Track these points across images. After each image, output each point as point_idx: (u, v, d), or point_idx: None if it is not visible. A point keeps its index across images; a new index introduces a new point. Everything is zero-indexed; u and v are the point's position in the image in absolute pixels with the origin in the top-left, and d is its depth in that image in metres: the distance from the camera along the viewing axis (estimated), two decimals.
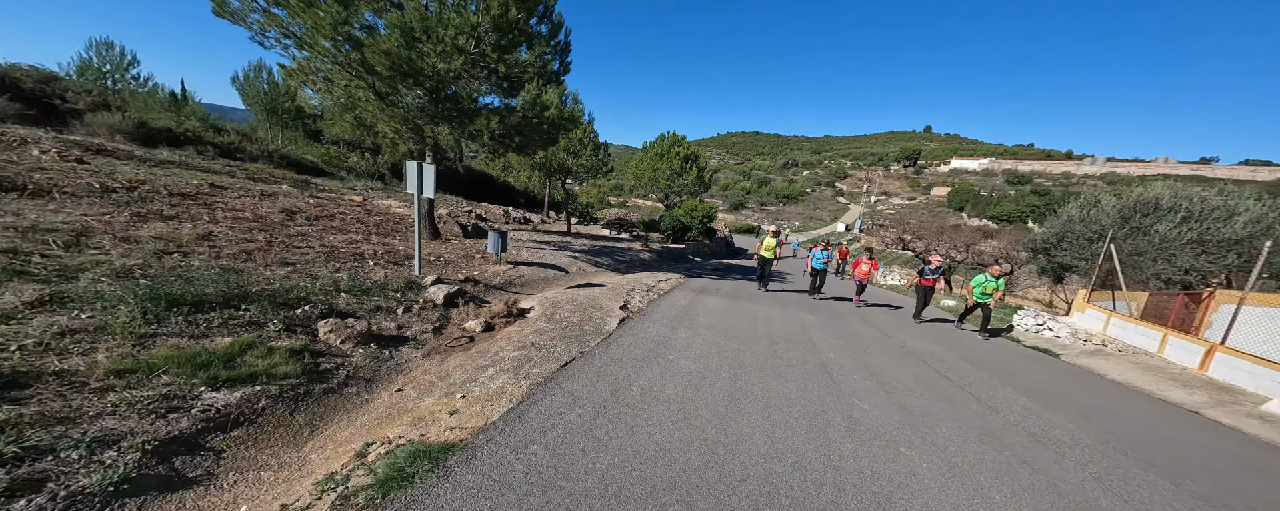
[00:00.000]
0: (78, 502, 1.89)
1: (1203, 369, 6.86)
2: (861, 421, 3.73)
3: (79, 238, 4.41)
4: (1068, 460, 3.54)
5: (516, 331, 5.06)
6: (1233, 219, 10.49)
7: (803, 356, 5.39)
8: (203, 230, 5.59)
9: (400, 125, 8.20)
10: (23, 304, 3.03)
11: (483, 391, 3.45)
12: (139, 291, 3.43)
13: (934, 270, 9.04)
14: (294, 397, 3.03)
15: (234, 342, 3.27)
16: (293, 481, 2.35)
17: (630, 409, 3.36)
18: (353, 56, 7.02)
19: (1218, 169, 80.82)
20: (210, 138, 12.80)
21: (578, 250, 12.32)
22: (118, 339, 2.98)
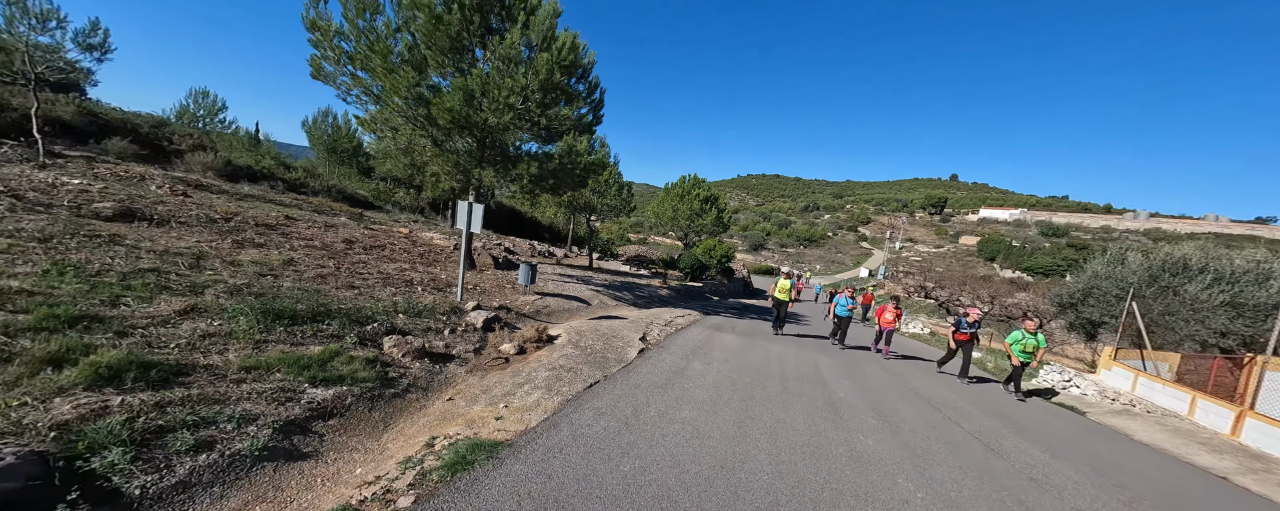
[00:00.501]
0: (237, 461, 2.54)
1: (1234, 435, 6.72)
2: (863, 454, 4.06)
3: (198, 260, 5.39)
4: (1066, 504, 3.74)
5: (546, 355, 5.65)
6: (1268, 282, 10.36)
7: (813, 393, 5.72)
8: (286, 256, 6.57)
9: (452, 168, 9.38)
10: (174, 312, 3.86)
11: (521, 403, 4.01)
12: (253, 306, 4.25)
13: (971, 324, 8.29)
14: (371, 398, 3.67)
15: (324, 350, 3.99)
16: (378, 462, 2.94)
17: (649, 426, 3.84)
18: (419, 112, 8.31)
19: (1275, 229, 76.25)
20: (281, 173, 14.53)
21: (599, 284, 13.00)
22: (241, 342, 3.75)
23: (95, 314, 3.45)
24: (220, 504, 2.30)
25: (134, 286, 4.10)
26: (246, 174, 13.18)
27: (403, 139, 9.16)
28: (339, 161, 20.37)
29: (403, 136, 9.05)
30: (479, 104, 8.25)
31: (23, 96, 10.43)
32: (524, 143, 10.24)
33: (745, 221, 78.77)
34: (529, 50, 8.42)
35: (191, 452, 2.45)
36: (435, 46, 8.22)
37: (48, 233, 4.78)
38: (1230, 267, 10.68)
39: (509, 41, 7.85)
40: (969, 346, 8.41)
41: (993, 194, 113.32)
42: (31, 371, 2.63)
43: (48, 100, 10.62)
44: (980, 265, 59.09)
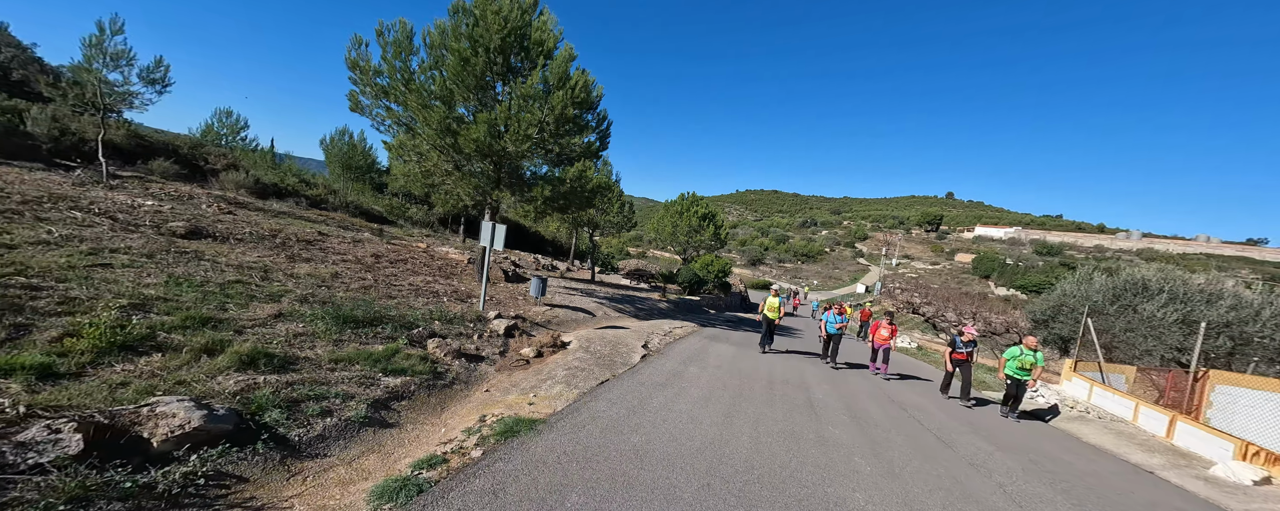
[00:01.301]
0: (349, 424, 3.45)
1: (1169, 437, 7.62)
2: (830, 439, 4.96)
3: (266, 273, 6.34)
4: (992, 481, 4.63)
5: (561, 358, 6.56)
6: (1218, 301, 11.38)
7: (795, 395, 6.63)
8: (332, 270, 7.52)
9: (472, 189, 10.43)
10: (268, 316, 4.80)
11: (547, 394, 4.92)
12: (326, 312, 5.19)
13: (967, 343, 8.15)
14: (428, 386, 4.59)
15: (386, 348, 4.91)
16: (444, 430, 3.84)
17: (652, 413, 4.75)
18: (447, 141, 9.39)
19: (1266, 251, 77.63)
20: (303, 190, 15.57)
21: (602, 297, 13.93)
22: (324, 340, 4.67)
23: (215, 316, 4.38)
24: (346, 452, 3.21)
25: (232, 295, 5.04)
26: (273, 191, 14.20)
27: (429, 163, 10.22)
28: (353, 177, 21.49)
29: (429, 162, 10.11)
30: (501, 135, 9.34)
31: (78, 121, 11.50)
32: (537, 166, 11.33)
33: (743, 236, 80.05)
34: (546, 87, 9.56)
35: (320, 417, 3.36)
36: (462, 84, 9.36)
37: (149, 249, 5.73)
38: (1184, 288, 11.71)
39: (530, 82, 8.99)
40: (967, 366, 8.15)
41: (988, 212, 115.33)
42: (195, 358, 3.55)
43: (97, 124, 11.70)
44: (975, 282, 60.20)
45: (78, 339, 3.24)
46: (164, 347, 3.57)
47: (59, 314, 3.58)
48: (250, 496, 2.53)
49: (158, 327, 3.79)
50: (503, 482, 2.93)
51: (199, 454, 2.54)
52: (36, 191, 6.73)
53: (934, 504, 3.74)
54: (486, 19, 9.12)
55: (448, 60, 9.19)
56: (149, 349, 3.49)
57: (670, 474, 3.45)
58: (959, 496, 4.03)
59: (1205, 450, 6.96)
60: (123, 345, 3.39)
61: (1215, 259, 73.60)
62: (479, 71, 9.29)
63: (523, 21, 9.54)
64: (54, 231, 5.20)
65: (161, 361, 3.38)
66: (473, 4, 9.27)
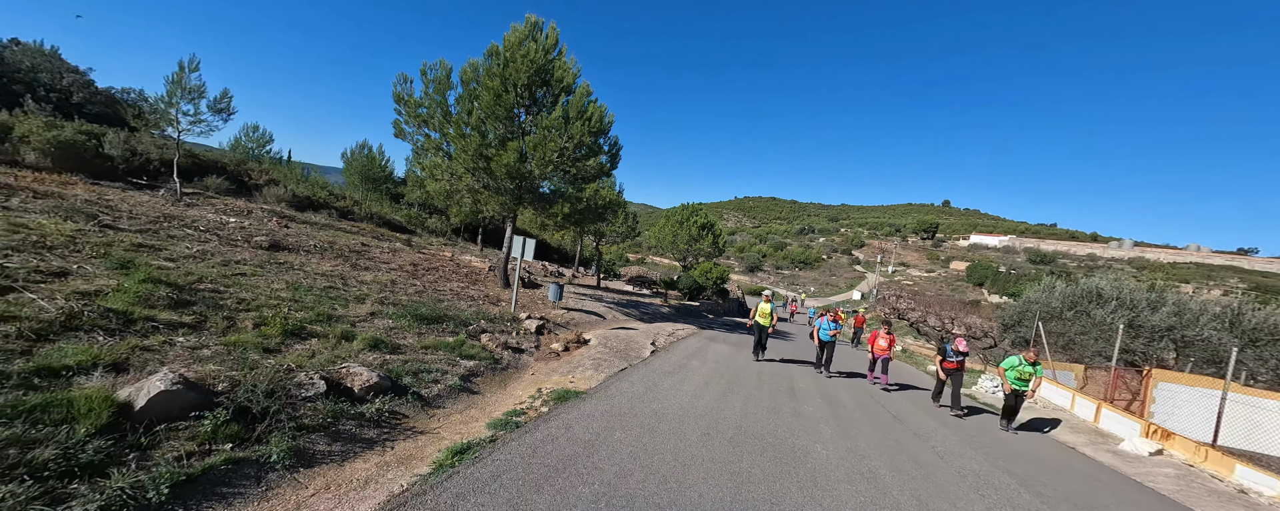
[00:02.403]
0: (452, 389, 4.90)
1: (1095, 421, 9.10)
2: (804, 413, 6.42)
3: (343, 279, 7.78)
4: (928, 448, 6.07)
5: (585, 352, 8.00)
6: (1160, 309, 12.95)
7: (780, 384, 8.09)
8: (389, 277, 8.97)
9: (499, 207, 11.92)
10: (366, 314, 6.24)
11: (581, 376, 6.37)
12: (405, 311, 6.63)
13: (958, 354, 8.35)
14: (491, 368, 6.03)
15: (456, 340, 6.36)
16: (512, 398, 5.28)
17: (664, 392, 6.20)
18: (480, 165, 10.88)
19: (1255, 260, 79.44)
20: (332, 202, 17.02)
21: (610, 302, 15.37)
22: (410, 333, 6.12)
23: (332, 314, 5.83)
24: (456, 405, 4.66)
25: (334, 297, 6.48)
26: (308, 203, 15.65)
27: (462, 183, 11.71)
28: (371, 188, 22.96)
29: (463, 182, 11.60)
30: (527, 159, 10.86)
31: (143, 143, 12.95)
32: (554, 185, 12.84)
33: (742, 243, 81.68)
34: (566, 118, 11.08)
35: (433, 383, 4.81)
36: (494, 115, 10.88)
37: (258, 261, 7.17)
38: (1131, 296, 13.27)
39: (553, 115, 10.53)
40: (958, 375, 8.31)
41: (984, 220, 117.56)
42: (338, 342, 4.99)
43: (160, 145, 13.16)
44: (969, 290, 61.89)
45: (266, 327, 4.68)
46: (315, 334, 5.01)
47: (241, 310, 5.01)
48: (412, 425, 3.98)
49: (305, 321, 5.23)
50: (569, 424, 4.39)
51: (380, 398, 3.98)
52: (153, 211, 8.17)
53: (877, 456, 5.18)
54: (516, 60, 10.67)
55: (482, 95, 10.71)
56: (308, 335, 4.93)
57: (680, 426, 4.90)
58: (896, 451, 5.49)
59: (1120, 431, 8.44)
60: (292, 332, 4.83)
61: (1205, 268, 75.63)
62: (509, 105, 10.82)
63: (546, 61, 11.09)
64: (192, 247, 6.63)
65: (319, 343, 4.82)
66: (505, 48, 10.83)
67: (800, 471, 4.23)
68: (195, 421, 2.91)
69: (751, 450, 4.57)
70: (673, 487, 3.43)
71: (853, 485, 4.12)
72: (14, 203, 6.35)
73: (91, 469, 2.34)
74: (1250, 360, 12.76)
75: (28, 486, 2.09)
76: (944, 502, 4.12)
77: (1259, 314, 12.64)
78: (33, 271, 4.13)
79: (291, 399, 3.47)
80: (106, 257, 5.12)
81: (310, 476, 2.99)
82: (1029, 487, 5.02)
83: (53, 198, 7.07)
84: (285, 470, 2.94)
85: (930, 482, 4.57)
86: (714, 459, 4.15)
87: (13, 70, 13.99)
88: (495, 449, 3.61)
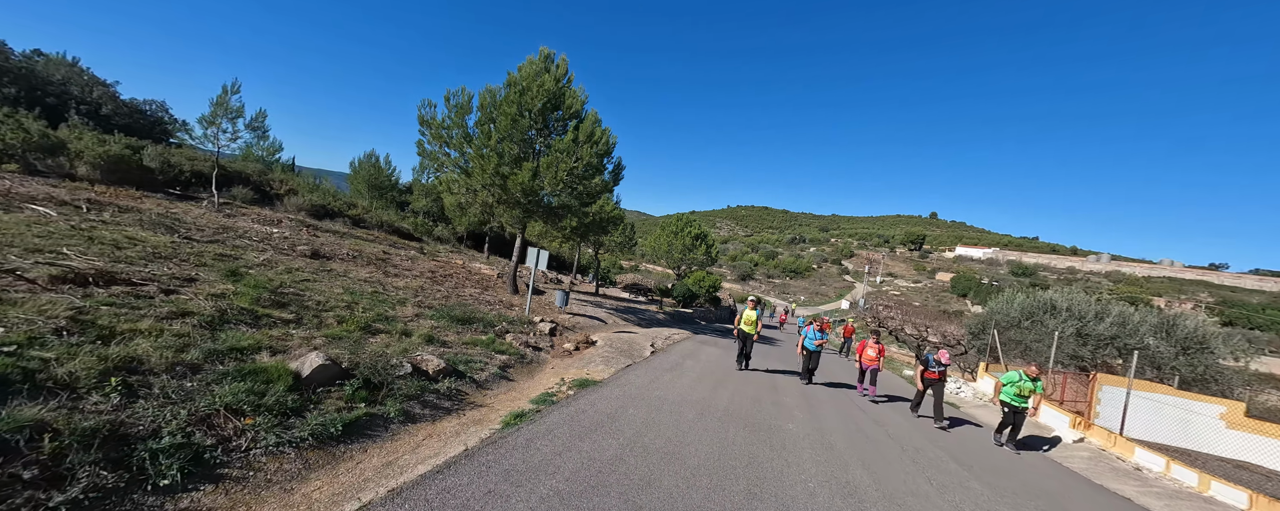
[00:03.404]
0: (493, 377, 6.11)
1: (1035, 415, 10.51)
2: (782, 402, 7.70)
3: (382, 285, 8.93)
4: (883, 429, 7.39)
5: (594, 351, 9.22)
6: (1104, 319, 14.56)
7: (763, 380, 9.37)
8: (417, 283, 10.12)
9: (512, 219, 13.14)
10: (412, 315, 7.42)
11: (595, 370, 7.59)
12: (443, 312, 7.81)
13: (940, 364, 8.41)
14: (519, 362, 7.24)
15: (488, 338, 7.55)
16: (541, 385, 6.49)
17: (665, 384, 7.46)
18: (497, 182, 12.12)
19: (1224, 275, 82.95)
20: (345, 211, 18.07)
21: (609, 308, 16.59)
22: (450, 331, 7.30)
23: (386, 314, 6.99)
24: (499, 388, 5.86)
25: (382, 300, 7.64)
26: (324, 212, 16.69)
27: (479, 198, 12.93)
28: (378, 196, 23.99)
29: (480, 197, 12.82)
30: (539, 176, 12.13)
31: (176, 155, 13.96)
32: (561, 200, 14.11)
33: (734, 252, 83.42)
34: (576, 142, 12.40)
35: (479, 371, 6.01)
36: (510, 137, 12.16)
37: (311, 269, 8.29)
38: (1080, 308, 14.88)
39: (565, 140, 11.84)
40: (940, 386, 8.30)
41: (969, 232, 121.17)
42: (400, 337, 6.17)
43: (191, 157, 14.17)
44: (954, 301, 64.17)
45: (346, 324, 5.85)
46: (381, 331, 6.18)
47: (322, 310, 6.17)
48: (472, 400, 5.18)
49: (370, 320, 6.41)
50: (593, 402, 5.62)
51: (447, 379, 5.19)
52: (210, 223, 9.25)
53: (838, 434, 6.47)
54: (532, 89, 11.99)
55: (499, 119, 12.00)
56: (376, 331, 6.10)
57: (679, 408, 6.16)
58: (855, 431, 6.81)
59: (1054, 423, 9.87)
60: (364, 328, 6.00)
61: (1177, 282, 79.23)
62: (524, 128, 12.12)
63: (558, 89, 12.43)
64: (259, 256, 7.76)
65: (387, 339, 5.99)
66: (521, 78, 12.15)
67: (773, 441, 5.50)
68: (339, 387, 4.10)
69: (736, 426, 5.84)
70: (676, 445, 4.68)
71: (813, 451, 5.41)
72: (107, 216, 7.43)
73: (293, 411, 3.53)
74: (1182, 366, 14.40)
75: (267, 417, 3.29)
76: (882, 463, 5.43)
77: (1188, 325, 14.31)
78: (172, 278, 5.27)
79: (391, 376, 4.67)
80: (205, 266, 6.26)
81: (416, 429, 4.19)
82: (957, 460, 6.35)
83: (132, 211, 8.14)
84: (399, 424, 4.14)
85: (875, 451, 5.89)
86: (706, 430, 5.41)
87: (46, 83, 14.86)
88: (542, 416, 4.83)
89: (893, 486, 4.74)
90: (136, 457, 2.56)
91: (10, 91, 13.48)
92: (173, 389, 3.17)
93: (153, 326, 3.85)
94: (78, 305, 3.80)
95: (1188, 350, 14.39)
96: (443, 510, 2.81)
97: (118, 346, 3.38)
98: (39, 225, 5.85)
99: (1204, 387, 14.62)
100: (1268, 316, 60.16)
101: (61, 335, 3.31)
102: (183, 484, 2.61)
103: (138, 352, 3.38)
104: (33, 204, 6.81)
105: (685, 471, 4.06)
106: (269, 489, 2.86)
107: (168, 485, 2.55)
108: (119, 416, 2.73)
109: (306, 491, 2.92)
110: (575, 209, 13.72)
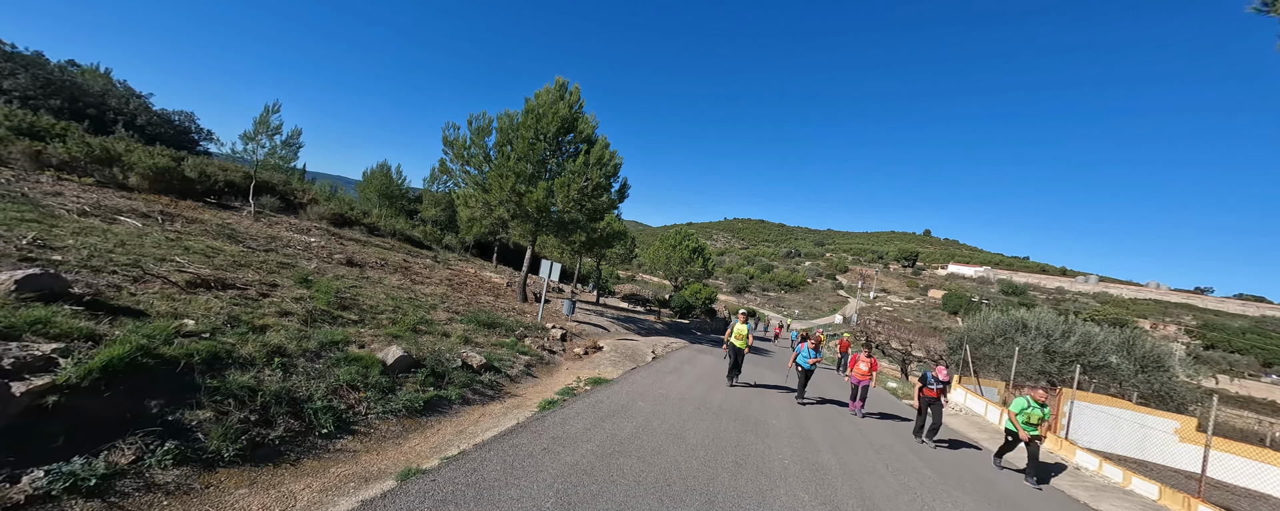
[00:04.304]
0: (521, 373, 7.21)
1: (1000, 423, 11.70)
2: (770, 404, 8.82)
3: (412, 290, 10.01)
4: (856, 427, 8.53)
5: (602, 355, 10.32)
6: (1069, 336, 15.87)
7: (753, 391, 10.49)
8: (441, 290, 11.20)
9: (524, 233, 14.30)
10: (447, 318, 8.51)
11: (605, 371, 8.69)
12: (471, 317, 8.91)
13: (939, 382, 8.19)
14: (540, 362, 8.34)
15: (512, 341, 8.64)
16: (561, 382, 7.58)
17: (666, 384, 8.57)
18: (514, 199, 13.31)
19: (1208, 299, 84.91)
20: (361, 220, 19.15)
21: (611, 317, 17.68)
22: (480, 334, 8.40)
23: (425, 318, 8.08)
24: (528, 382, 6.96)
25: (417, 305, 8.73)
26: (342, 220, 17.77)
27: (494, 213, 14.10)
28: (388, 204, 25.09)
29: (496, 212, 13.99)
30: (552, 195, 13.34)
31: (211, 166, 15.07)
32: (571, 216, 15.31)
33: (730, 264, 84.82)
34: (586, 164, 13.65)
35: (510, 368, 7.11)
36: (526, 158, 13.39)
37: (353, 276, 9.37)
38: (1048, 327, 16.18)
39: (577, 162, 13.09)
40: (938, 405, 8.11)
41: (962, 250, 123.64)
42: (442, 337, 7.26)
43: (223, 168, 15.28)
44: (944, 317, 65.68)
45: (397, 325, 6.94)
46: (424, 331, 7.28)
47: (375, 312, 7.25)
48: (509, 391, 6.28)
49: (415, 322, 7.50)
50: (607, 396, 6.73)
51: (487, 373, 6.29)
52: (258, 232, 10.33)
53: (816, 429, 7.60)
54: (548, 115, 13.27)
55: (517, 143, 13.25)
56: (421, 332, 7.20)
57: (680, 403, 7.28)
58: (830, 427, 7.95)
59: None
60: (412, 328, 7.10)
61: (1162, 304, 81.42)
62: (540, 151, 13.38)
63: (572, 116, 13.73)
64: (310, 264, 8.84)
65: (432, 338, 7.08)
66: (537, 105, 13.44)
67: (758, 431, 6.63)
68: (412, 374, 5.20)
69: (728, 419, 6.97)
70: (678, 429, 5.80)
71: (791, 439, 6.54)
72: (179, 226, 8.51)
73: (387, 389, 4.64)
74: (1140, 384, 15.69)
75: (372, 392, 4.40)
76: (849, 451, 6.57)
77: (1145, 344, 15.64)
78: (261, 283, 6.36)
79: (449, 367, 5.77)
80: (275, 273, 7.35)
81: (471, 409, 5.29)
82: (915, 453, 7.49)
83: (197, 222, 9.22)
84: (459, 404, 5.24)
85: (845, 443, 7.03)
86: (703, 420, 6.53)
87: (86, 94, 15.92)
88: (569, 404, 5.94)
89: (853, 466, 5.87)
90: (306, 413, 3.66)
91: (56, 103, 14.57)
92: (309, 369, 4.27)
93: (274, 323, 4.95)
94: (223, 305, 4.89)
95: (1146, 368, 15.69)
96: (514, 459, 3.92)
97: (269, 335, 4.48)
98: (137, 236, 6.92)
99: (1161, 403, 15.90)
100: (1247, 340, 62.17)
101: (230, 327, 4.41)
102: (335, 434, 3.70)
103: (276, 341, 4.47)
104: (121, 216, 7.88)
105: (686, 446, 5.18)
106: (386, 442, 3.96)
107: (326, 433, 3.65)
108: (286, 385, 3.82)
109: (411, 445, 4.02)
110: (583, 224, 14.92)
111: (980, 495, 5.95)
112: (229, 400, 3.34)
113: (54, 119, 12.26)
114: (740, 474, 4.70)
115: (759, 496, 4.18)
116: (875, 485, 5.31)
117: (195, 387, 3.23)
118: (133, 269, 5.17)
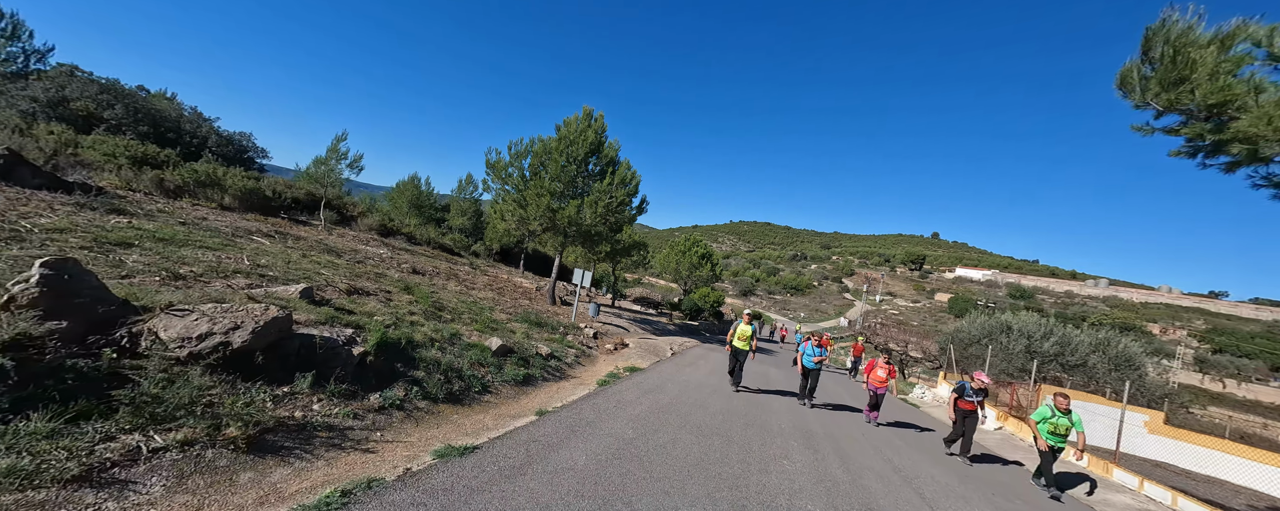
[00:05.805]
0: (572, 363, 9.20)
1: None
2: (769, 401, 10.72)
3: (468, 294, 12.04)
4: (850, 421, 10.39)
5: (629, 351, 12.27)
6: (1047, 338, 17.60)
7: (761, 378, 12.41)
8: (490, 294, 13.23)
9: (555, 244, 16.32)
10: (507, 318, 10.51)
11: (637, 362, 10.65)
12: (526, 317, 10.91)
13: (976, 392, 7.57)
14: (583, 354, 10.32)
15: (560, 337, 10.63)
16: (602, 370, 9.55)
17: (685, 374, 10.52)
18: (547, 215, 15.34)
19: (1222, 304, 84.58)
20: (401, 229, 21.30)
21: (628, 319, 19.64)
22: (536, 332, 10.39)
23: (495, 320, 10.09)
24: (579, 368, 8.94)
25: (482, 308, 10.75)
26: (387, 231, 19.91)
27: (529, 226, 16.15)
28: (417, 213, 27.29)
29: (531, 225, 16.04)
30: (583, 212, 15.37)
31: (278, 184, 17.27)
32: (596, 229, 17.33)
33: (736, 267, 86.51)
34: (611, 183, 15.65)
35: (564, 358, 9.09)
36: (559, 179, 15.44)
37: (426, 284, 11.42)
38: (1029, 328, 17.93)
39: (604, 184, 15.12)
40: (973, 418, 7.53)
41: (970, 253, 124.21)
42: (509, 333, 9.25)
43: (288, 185, 17.46)
44: (950, 321, 66.89)
45: (477, 323, 8.93)
46: (497, 331, 9.27)
47: (456, 312, 9.25)
48: (568, 374, 8.27)
49: (487, 322, 9.51)
50: (644, 379, 8.69)
51: (554, 359, 8.29)
52: (341, 245, 12.43)
53: (816, 425, 9.47)
54: (577, 142, 15.32)
55: (550, 165, 15.29)
56: (498, 329, 9.20)
57: (700, 387, 9.22)
58: (829, 422, 9.83)
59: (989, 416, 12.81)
60: (488, 326, 9.09)
61: (1173, 309, 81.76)
62: (571, 173, 15.42)
63: (598, 140, 15.77)
64: (394, 274, 10.89)
65: (504, 333, 9.08)
66: (568, 131, 15.49)
67: (764, 406, 8.54)
68: (507, 357, 7.20)
69: (740, 398, 8.89)
70: (701, 403, 7.74)
71: (789, 411, 8.45)
72: (290, 242, 10.60)
73: (495, 367, 6.64)
74: (1115, 381, 17.34)
75: (489, 368, 6.40)
76: (836, 425, 8.47)
77: (1119, 345, 17.32)
78: (379, 289, 8.39)
79: (530, 354, 7.76)
80: (378, 280, 9.40)
81: (548, 386, 7.27)
82: (901, 437, 9.37)
83: (301, 239, 11.32)
84: (541, 381, 7.23)
85: (839, 430, 8.94)
86: (719, 398, 8.47)
87: (165, 120, 18.11)
88: (616, 384, 7.90)
89: (838, 435, 7.77)
90: (465, 377, 5.65)
91: (144, 129, 16.75)
92: (451, 350, 6.28)
93: (417, 320, 6.96)
94: (380, 306, 6.90)
95: (1119, 367, 17.35)
96: (599, 410, 5.89)
97: (418, 329, 6.50)
98: (281, 254, 8.99)
99: (1134, 400, 17.54)
100: (1257, 345, 62.69)
101: (397, 323, 6.43)
102: (481, 392, 5.70)
103: (426, 332, 6.48)
104: (253, 236, 9.98)
105: (709, 413, 7.12)
106: (508, 400, 5.94)
107: (477, 391, 5.64)
108: (446, 359, 5.83)
109: (525, 403, 6.00)
110: (607, 236, 16.94)
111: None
112: (427, 366, 5.34)
113: (158, 147, 14.44)
114: (748, 430, 6.63)
115: (763, 440, 6.11)
116: (850, 447, 7.21)
117: (412, 359, 5.24)
118: (311, 280, 7.20)
